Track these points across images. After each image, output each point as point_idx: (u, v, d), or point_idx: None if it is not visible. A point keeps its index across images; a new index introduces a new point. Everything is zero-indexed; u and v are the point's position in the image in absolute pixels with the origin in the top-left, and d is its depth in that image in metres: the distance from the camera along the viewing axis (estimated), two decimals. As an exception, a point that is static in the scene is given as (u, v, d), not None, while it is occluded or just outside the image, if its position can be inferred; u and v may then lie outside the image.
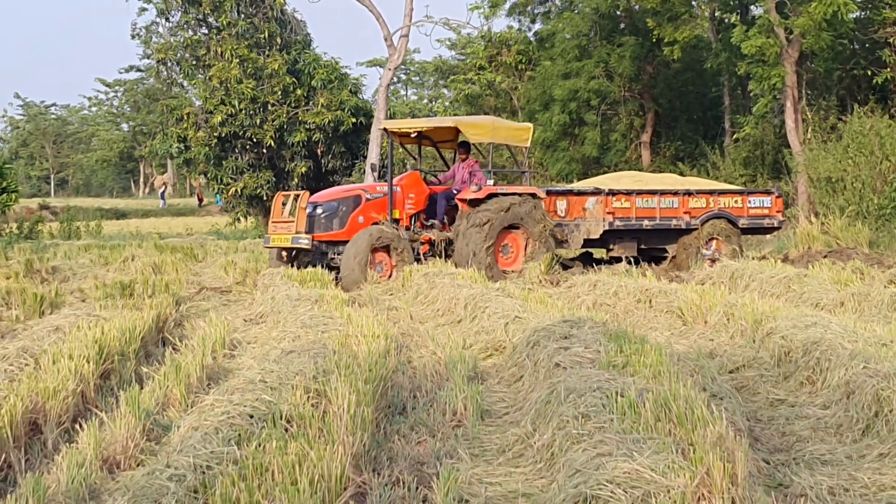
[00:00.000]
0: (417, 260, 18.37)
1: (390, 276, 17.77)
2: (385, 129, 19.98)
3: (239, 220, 42.70)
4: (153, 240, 30.66)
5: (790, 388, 8.65)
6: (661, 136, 43.54)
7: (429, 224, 19.26)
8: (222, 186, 41.11)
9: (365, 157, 36.32)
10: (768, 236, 24.74)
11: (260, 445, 5.83)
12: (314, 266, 18.28)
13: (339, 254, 18.11)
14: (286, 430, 6.28)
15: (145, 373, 9.22)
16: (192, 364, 8.81)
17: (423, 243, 18.84)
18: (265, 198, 40.45)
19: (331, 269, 18.18)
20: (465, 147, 20.02)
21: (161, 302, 13.41)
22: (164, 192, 76.49)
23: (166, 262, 21.63)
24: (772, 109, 36.03)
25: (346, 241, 17.97)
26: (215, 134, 39.59)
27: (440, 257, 18.59)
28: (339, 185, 36.20)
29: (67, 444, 6.85)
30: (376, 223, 18.38)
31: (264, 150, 40.48)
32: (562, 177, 40.93)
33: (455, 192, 19.35)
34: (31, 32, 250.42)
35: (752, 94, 37.36)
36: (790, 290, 14.37)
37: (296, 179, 40.70)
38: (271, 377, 7.36)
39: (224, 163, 40.70)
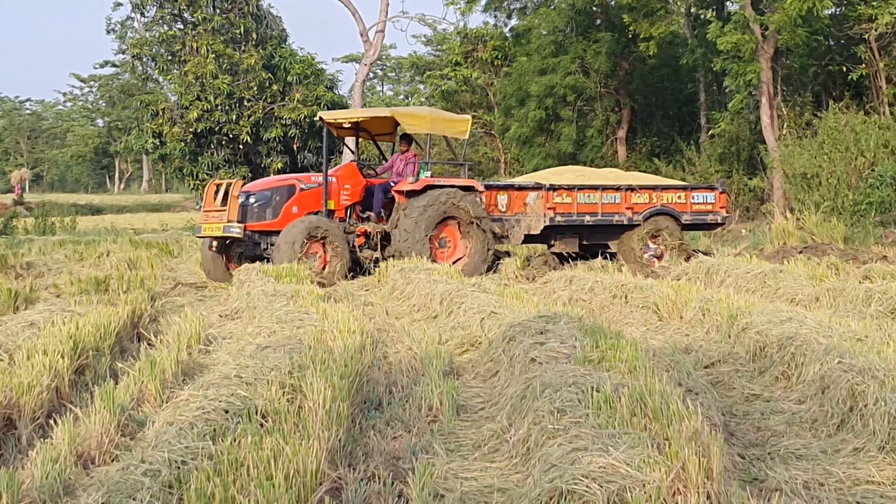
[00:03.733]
0: (352, 252, 18.16)
1: (324, 269, 17.51)
2: (321, 119, 19.75)
3: (214, 215, 42.59)
4: (128, 235, 30.61)
5: (765, 383, 8.67)
6: (636, 132, 43.67)
7: (364, 216, 18.97)
8: (197, 182, 41.01)
9: (341, 153, 36.28)
10: (743, 231, 24.72)
11: (235, 440, 5.80)
12: (247, 257, 18.30)
13: (271, 244, 17.74)
14: (261, 425, 6.26)
15: (120, 368, 9.19)
16: (167, 359, 8.77)
17: (358, 235, 18.58)
18: (241, 194, 40.37)
19: (260, 260, 17.91)
20: (408, 139, 19.88)
21: (136, 297, 13.35)
22: (20, 187, 75.43)
23: (141, 257, 21.56)
24: (747, 105, 36.14)
25: (279, 232, 17.65)
26: (191, 129, 39.57)
27: (375, 250, 18.43)
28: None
29: (41, 439, 6.81)
30: (311, 213, 18.14)
31: (240, 146, 40.48)
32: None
33: (392, 184, 19.12)
34: (3, 28, 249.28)
35: (727, 90, 37.51)
36: (766, 285, 14.40)
37: (272, 175, 40.69)
38: (247, 372, 7.34)
39: (200, 158, 40.68)
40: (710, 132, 38.81)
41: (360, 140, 21.19)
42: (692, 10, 40.34)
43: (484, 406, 8.08)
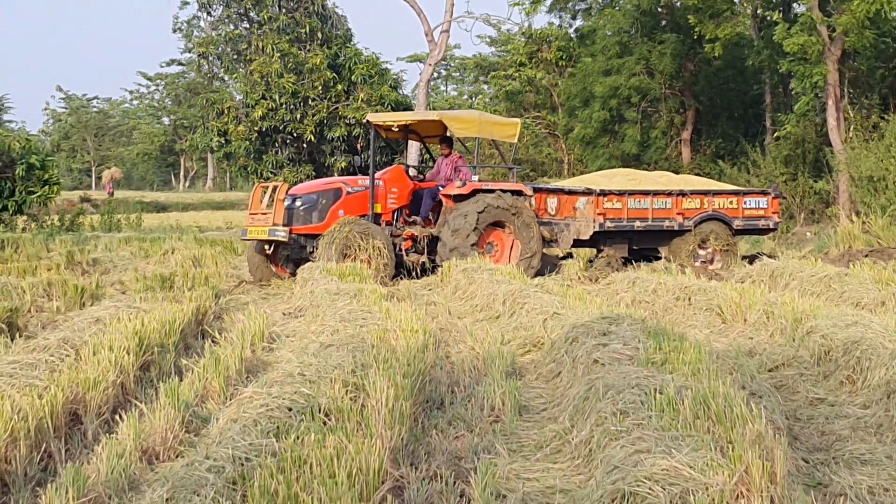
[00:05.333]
0: (398, 256, 18.07)
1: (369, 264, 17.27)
2: (369, 122, 19.67)
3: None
4: (193, 233, 30.77)
5: (830, 387, 8.61)
6: (701, 133, 43.41)
7: (411, 220, 18.89)
8: (262, 181, 41.23)
9: (402, 153, 36.38)
10: (808, 234, 24.50)
11: (298, 438, 5.84)
12: (292, 260, 18.31)
13: (317, 247, 17.63)
14: (324, 423, 6.29)
15: (185, 365, 9.27)
16: (231, 357, 8.84)
17: (405, 239, 18.47)
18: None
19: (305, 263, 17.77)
20: (448, 142, 19.78)
21: (200, 295, 13.46)
22: (111, 185, 76.03)
23: (206, 255, 21.72)
24: (813, 108, 35.84)
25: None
26: (256, 128, 39.77)
27: (422, 254, 18.36)
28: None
29: (107, 434, 6.88)
30: (359, 216, 18.03)
31: (304, 145, 40.64)
32: (603, 174, 40.81)
33: (440, 187, 19.01)
34: (73, 26, 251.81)
35: (793, 92, 37.23)
36: (830, 289, 14.27)
37: (335, 174, 40.83)
38: (310, 370, 7.38)
39: (264, 157, 40.87)
40: (775, 134, 38.51)
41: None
42: (758, 11, 40.07)
43: (546, 407, 8.08)
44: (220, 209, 63.01)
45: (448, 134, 19.70)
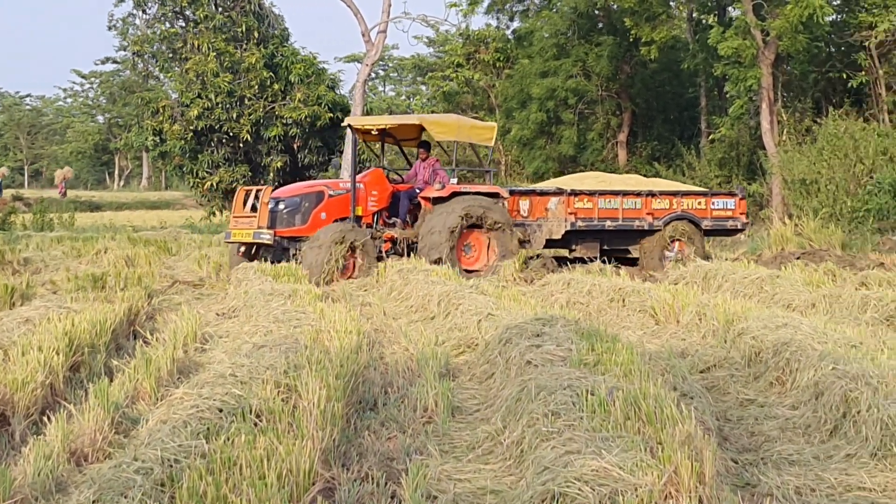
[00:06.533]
0: (379, 258, 18.27)
1: (351, 275, 17.68)
2: (350, 126, 19.85)
3: (214, 214, 42.55)
4: (127, 232, 30.51)
5: (760, 388, 8.68)
6: (637, 135, 43.69)
7: (391, 222, 19.19)
8: (197, 180, 40.97)
9: (341, 153, 36.28)
10: (741, 237, 24.73)
11: (229, 439, 5.81)
12: (274, 262, 18.30)
13: (300, 250, 18.01)
14: (255, 424, 6.26)
15: (115, 366, 9.19)
16: (163, 357, 8.78)
17: (384, 241, 18.76)
18: (240, 192, 40.36)
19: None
20: (426, 146, 20.07)
21: (133, 295, 13.37)
22: (64, 185, 75.26)
23: (139, 255, 21.58)
24: (747, 111, 36.17)
25: (308, 238, 17.94)
26: (191, 127, 39.47)
27: (402, 255, 18.53)
28: (315, 180, 36.24)
29: (35, 436, 6.81)
30: (340, 220, 18.36)
31: (240, 145, 40.39)
32: (538, 175, 40.98)
33: (417, 190, 19.31)
34: (5, 23, 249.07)
35: (728, 95, 37.51)
36: (762, 290, 14.41)
37: (272, 174, 40.64)
38: (242, 371, 7.35)
39: (200, 156, 40.58)
40: (710, 137, 38.82)
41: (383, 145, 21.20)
42: (694, 14, 40.41)
43: (479, 408, 8.09)
44: (154, 209, 62.61)
45: (425, 137, 20.09)
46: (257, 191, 18.85)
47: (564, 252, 21.41)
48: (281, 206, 18.45)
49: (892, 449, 6.28)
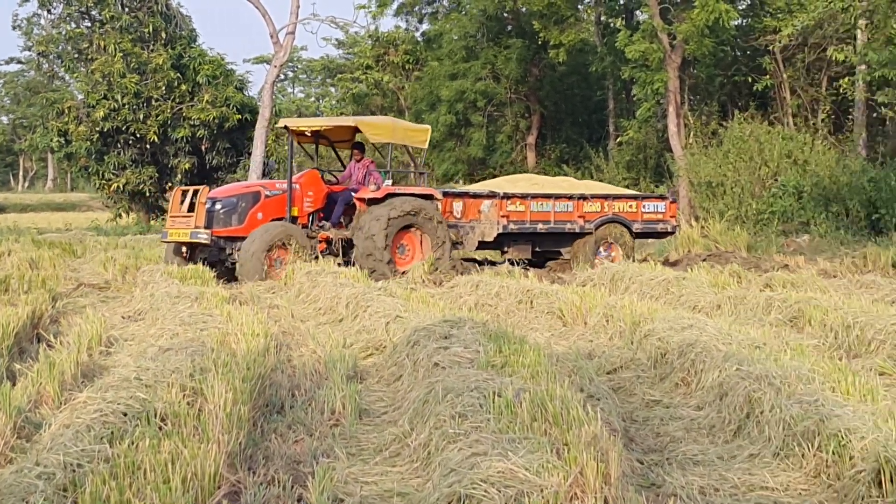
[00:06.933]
0: (315, 258, 18.33)
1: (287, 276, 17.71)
2: (286, 128, 19.88)
3: (120, 216, 42.15)
4: (31, 235, 30.11)
5: (666, 389, 8.75)
6: (546, 138, 43.94)
7: (321, 225, 19.23)
8: (103, 182, 40.55)
9: (250, 154, 36.07)
10: (649, 239, 24.97)
11: (133, 444, 5.74)
12: (212, 262, 18.58)
13: (237, 249, 18.14)
14: (160, 428, 6.20)
15: (18, 369, 9.05)
16: (67, 361, 8.66)
17: (320, 241, 18.85)
18: (147, 194, 40.09)
19: (222, 265, 18.49)
20: (360, 147, 20.20)
21: (37, 298, 13.17)
22: None
23: (44, 257, 21.27)
24: (655, 114, 36.53)
25: (245, 237, 18.04)
26: (97, 128, 39.12)
27: (337, 256, 18.65)
28: (224, 182, 36.10)
29: (-66, 441, 6.69)
30: (276, 220, 18.45)
31: (147, 146, 40.11)
32: (448, 177, 41.10)
33: (352, 191, 19.41)
34: None
35: (635, 98, 37.86)
36: (669, 292, 14.53)
37: (179, 176, 40.41)
38: (147, 375, 7.28)
39: (106, 158, 40.24)
40: (618, 140, 39.16)
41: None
42: (602, 18, 40.71)
43: (387, 410, 8.08)
44: (60, 210, 61.90)
45: (359, 139, 20.22)
46: (194, 191, 18.86)
47: (497, 254, 21.61)
48: (218, 206, 18.50)
49: (794, 449, 6.35)
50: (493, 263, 20.44)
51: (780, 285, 15.03)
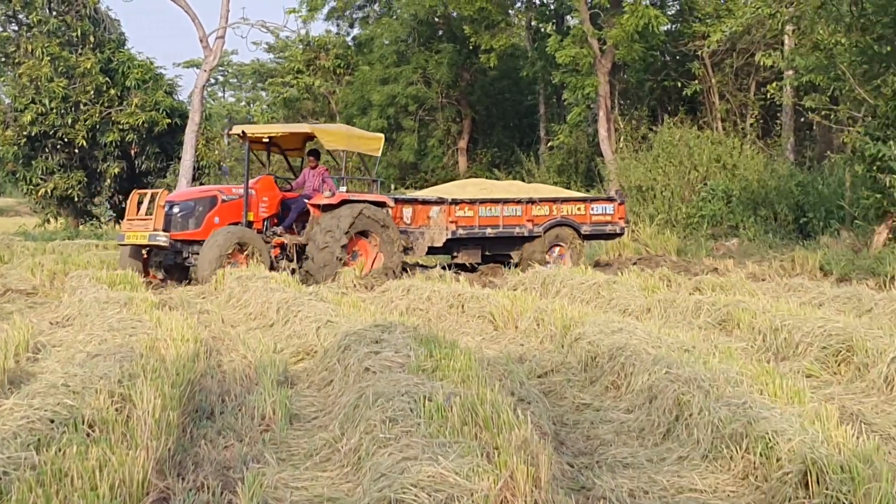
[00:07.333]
0: (272, 266, 18.41)
1: None
2: (242, 134, 19.82)
3: (49, 221, 41.70)
4: (-43, 240, 29.75)
5: (596, 392, 8.79)
6: (477, 142, 44.02)
7: (275, 231, 19.31)
8: (31, 187, 40.11)
9: (179, 159, 35.82)
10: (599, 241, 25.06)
11: (60, 450, 5.69)
12: (168, 265, 19.05)
13: (194, 253, 18.25)
14: (88, 434, 6.15)
15: (-57, 377, 8.94)
16: (-7, 368, 8.58)
17: (274, 247, 18.98)
18: (76, 199, 39.72)
19: (178, 268, 18.92)
20: (316, 154, 20.32)
21: (-38, 304, 13.04)
22: None
23: (-30, 263, 21.04)
24: (585, 118, 36.72)
25: (202, 241, 18.10)
26: (25, 133, 38.67)
27: (291, 261, 18.78)
28: (152, 186, 35.88)
29: None
30: (233, 224, 18.52)
31: (76, 151, 39.71)
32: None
33: (305, 198, 19.48)
34: None
35: (566, 103, 38.06)
36: (599, 296, 14.61)
37: (108, 180, 40.07)
38: (74, 381, 7.21)
39: (34, 162, 39.78)
40: (549, 144, 39.32)
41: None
42: (532, 23, 40.84)
43: (317, 415, 8.05)
44: (-13, 216, 61.17)
45: (314, 146, 20.53)
46: (152, 194, 19.02)
47: (447, 259, 21.69)
48: (175, 209, 18.58)
49: (722, 451, 6.40)
50: (424, 267, 20.45)
51: (709, 289, 15.14)
